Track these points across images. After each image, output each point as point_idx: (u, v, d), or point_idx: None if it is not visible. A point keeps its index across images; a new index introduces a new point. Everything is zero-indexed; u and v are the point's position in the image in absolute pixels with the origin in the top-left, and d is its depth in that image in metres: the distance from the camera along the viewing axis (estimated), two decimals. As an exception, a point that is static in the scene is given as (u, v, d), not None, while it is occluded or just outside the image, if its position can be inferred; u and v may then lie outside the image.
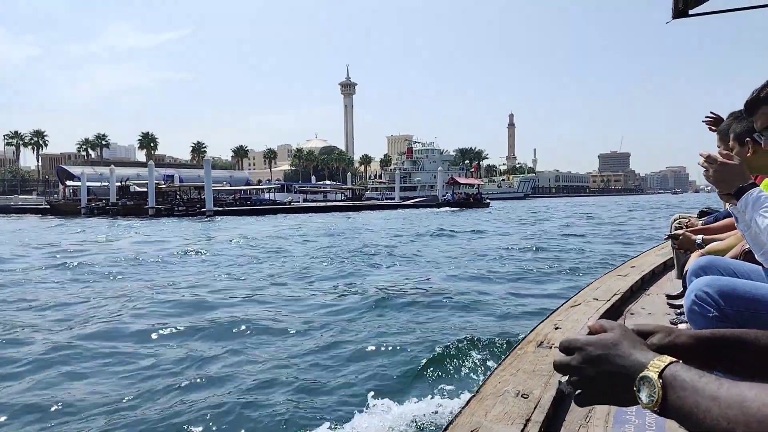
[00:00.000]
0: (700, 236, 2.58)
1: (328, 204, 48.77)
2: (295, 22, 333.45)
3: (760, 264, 1.72)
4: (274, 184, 63.85)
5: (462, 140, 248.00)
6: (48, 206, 51.42)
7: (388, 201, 64.23)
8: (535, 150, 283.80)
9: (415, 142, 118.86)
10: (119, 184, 49.39)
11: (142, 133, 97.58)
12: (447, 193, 61.67)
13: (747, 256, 1.97)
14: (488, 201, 63.85)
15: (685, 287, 1.98)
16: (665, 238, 3.23)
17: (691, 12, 3.88)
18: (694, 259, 2.15)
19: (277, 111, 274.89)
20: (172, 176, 64.04)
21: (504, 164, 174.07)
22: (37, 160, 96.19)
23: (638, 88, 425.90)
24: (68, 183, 57.28)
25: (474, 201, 58.60)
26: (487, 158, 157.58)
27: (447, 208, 52.76)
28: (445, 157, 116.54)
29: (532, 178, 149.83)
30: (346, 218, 37.34)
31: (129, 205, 43.42)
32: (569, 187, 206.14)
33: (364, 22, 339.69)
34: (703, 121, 2.98)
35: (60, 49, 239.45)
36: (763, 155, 1.83)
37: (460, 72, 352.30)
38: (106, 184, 50.87)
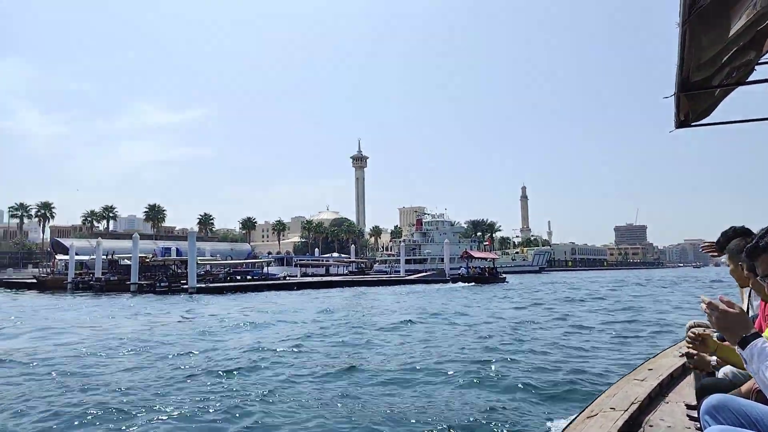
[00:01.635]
0: (715, 358, 2.55)
1: (324, 279, 45.22)
2: (309, 97, 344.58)
3: None
4: (273, 257, 61.14)
5: (474, 212, 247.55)
6: (35, 281, 49.08)
7: (394, 275, 60.92)
8: (549, 222, 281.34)
9: (425, 213, 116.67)
10: (105, 257, 46.93)
11: (149, 205, 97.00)
12: (461, 267, 59.81)
13: (759, 394, 1.98)
14: (504, 276, 61.15)
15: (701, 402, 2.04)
16: (680, 356, 3.82)
17: (692, 124, 4.09)
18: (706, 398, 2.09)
19: (292, 184, 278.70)
20: (170, 249, 61.63)
21: (518, 236, 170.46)
22: (43, 232, 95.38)
23: (653, 159, 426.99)
24: (58, 256, 55.26)
25: (490, 275, 56.31)
26: (499, 230, 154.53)
27: (461, 283, 50.29)
28: (456, 229, 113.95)
29: (548, 250, 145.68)
30: (342, 295, 34.26)
31: (113, 280, 40.87)
32: (586, 260, 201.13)
33: (376, 95, 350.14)
34: (700, 249, 3.61)
35: (87, 126, 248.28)
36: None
37: (472, 144, 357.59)
38: (104, 257, 48.61)
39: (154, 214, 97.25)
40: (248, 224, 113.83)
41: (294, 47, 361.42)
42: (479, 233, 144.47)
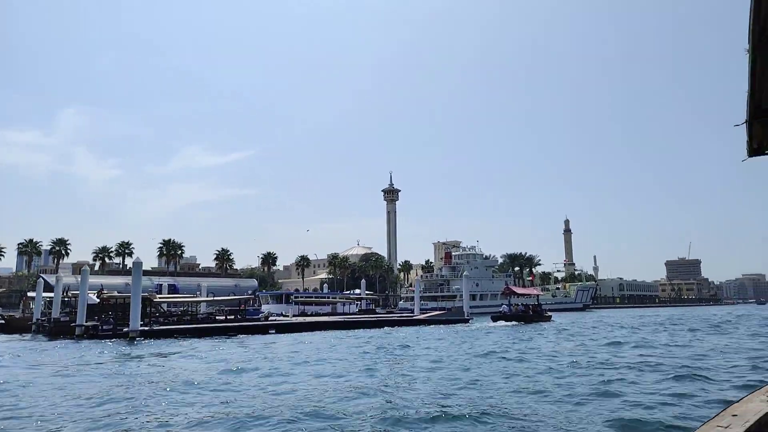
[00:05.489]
0: None
1: (311, 320, 37.72)
2: (346, 135, 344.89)
3: None
4: (269, 293, 54.72)
5: (513, 247, 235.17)
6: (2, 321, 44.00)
7: (405, 315, 53.35)
8: (595, 257, 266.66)
9: (455, 246, 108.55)
10: (63, 295, 41.16)
11: (163, 240, 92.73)
12: (502, 304, 55.50)
13: None
14: (549, 313, 55.67)
15: None
16: None
17: (767, 152, 4.04)
18: None
19: (334, 222, 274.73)
20: (169, 286, 56.07)
21: (560, 271, 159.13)
22: (56, 269, 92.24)
23: (704, 191, 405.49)
24: (31, 293, 50.40)
25: (534, 313, 51.86)
26: (539, 264, 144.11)
27: (502, 322, 45.64)
28: (489, 263, 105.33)
29: (592, 286, 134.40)
30: (312, 341, 27.29)
31: (63, 322, 35.03)
32: (635, 296, 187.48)
33: (409, 126, 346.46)
34: None
35: (139, 170, 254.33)
36: None
37: (512, 177, 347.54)
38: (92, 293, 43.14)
39: (168, 250, 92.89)
40: (269, 259, 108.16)
41: (323, 84, 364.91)
42: (517, 268, 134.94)
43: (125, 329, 29.41)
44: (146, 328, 29.45)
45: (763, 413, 3.91)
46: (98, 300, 39.16)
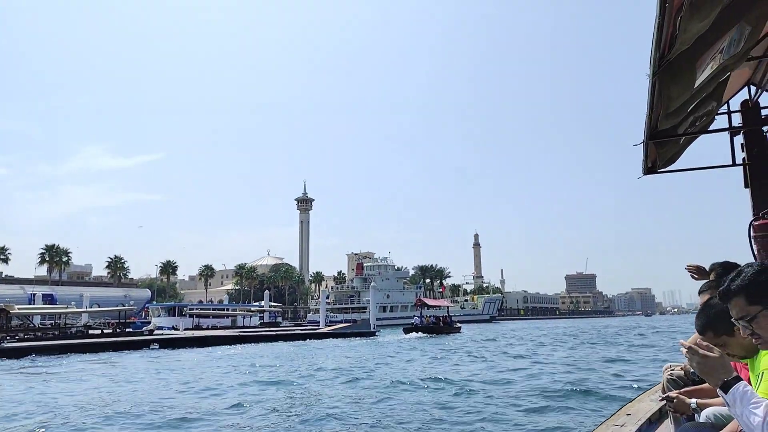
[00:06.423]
0: (694, 400, 2.61)
1: (199, 335, 33.75)
2: (258, 140, 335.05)
3: None
4: (161, 306, 50.19)
5: (425, 259, 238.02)
6: None
7: (309, 327, 50.90)
8: (502, 270, 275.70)
9: (366, 257, 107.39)
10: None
11: (46, 245, 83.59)
12: (414, 315, 55.77)
13: None
14: (459, 325, 55.90)
15: None
16: (659, 399, 3.56)
17: (659, 170, 4.59)
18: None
19: (237, 229, 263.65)
20: (33, 296, 49.96)
21: (469, 283, 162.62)
22: None
23: (600, 208, 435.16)
24: None
25: (445, 325, 52.05)
26: (449, 276, 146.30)
27: (414, 334, 45.18)
28: (400, 274, 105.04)
29: (498, 298, 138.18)
30: (186, 361, 24.32)
31: None
32: (538, 308, 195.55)
33: (324, 137, 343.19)
34: (686, 269, 3.63)
35: (30, 170, 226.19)
36: (737, 342, 2.04)
37: (423, 189, 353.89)
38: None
39: (52, 255, 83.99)
40: (168, 269, 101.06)
41: (240, 88, 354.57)
42: (428, 280, 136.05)
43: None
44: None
45: (653, 411, 4.30)
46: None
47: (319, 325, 50.09)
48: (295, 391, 13.42)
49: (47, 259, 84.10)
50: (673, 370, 3.49)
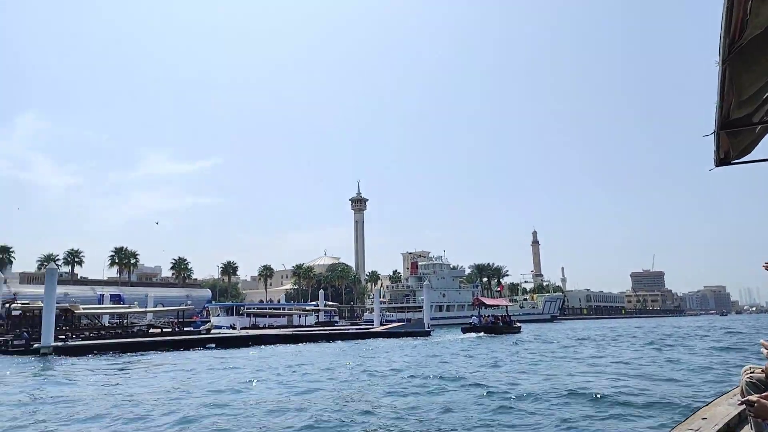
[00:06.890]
0: None
1: (257, 333, 34.57)
2: (315, 143, 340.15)
3: None
4: (219, 305, 51.53)
5: (482, 257, 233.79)
6: None
7: (363, 327, 50.78)
8: (563, 268, 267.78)
9: (421, 256, 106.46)
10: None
11: (115, 248, 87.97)
12: (472, 315, 55.02)
13: None
14: (519, 324, 54.63)
15: None
16: (738, 403, 3.42)
17: (732, 161, 4.18)
18: None
19: (295, 229, 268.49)
20: (102, 296, 52.31)
21: (528, 282, 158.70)
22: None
23: (669, 204, 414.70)
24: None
25: (504, 324, 51.30)
26: (507, 275, 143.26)
27: (472, 334, 44.60)
28: (456, 273, 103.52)
29: (560, 296, 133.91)
30: (243, 361, 24.48)
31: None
32: (602, 307, 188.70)
33: (378, 136, 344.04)
34: (764, 266, 3.46)
35: (101, 177, 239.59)
36: None
37: (480, 187, 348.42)
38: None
39: (121, 258, 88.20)
40: (228, 269, 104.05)
41: (298, 93, 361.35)
42: (485, 278, 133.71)
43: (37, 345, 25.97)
44: (60, 344, 26.08)
45: (732, 416, 4.11)
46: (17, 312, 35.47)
47: (373, 324, 49.94)
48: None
49: (116, 261, 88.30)
50: (752, 372, 3.31)
